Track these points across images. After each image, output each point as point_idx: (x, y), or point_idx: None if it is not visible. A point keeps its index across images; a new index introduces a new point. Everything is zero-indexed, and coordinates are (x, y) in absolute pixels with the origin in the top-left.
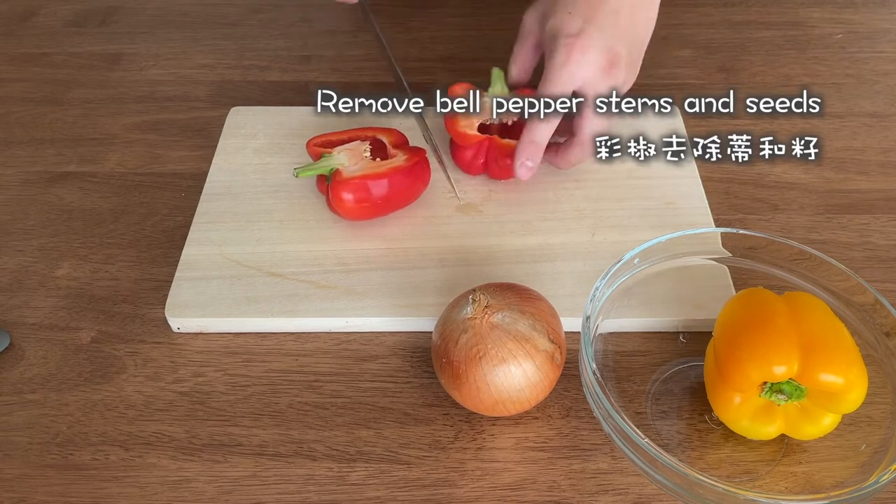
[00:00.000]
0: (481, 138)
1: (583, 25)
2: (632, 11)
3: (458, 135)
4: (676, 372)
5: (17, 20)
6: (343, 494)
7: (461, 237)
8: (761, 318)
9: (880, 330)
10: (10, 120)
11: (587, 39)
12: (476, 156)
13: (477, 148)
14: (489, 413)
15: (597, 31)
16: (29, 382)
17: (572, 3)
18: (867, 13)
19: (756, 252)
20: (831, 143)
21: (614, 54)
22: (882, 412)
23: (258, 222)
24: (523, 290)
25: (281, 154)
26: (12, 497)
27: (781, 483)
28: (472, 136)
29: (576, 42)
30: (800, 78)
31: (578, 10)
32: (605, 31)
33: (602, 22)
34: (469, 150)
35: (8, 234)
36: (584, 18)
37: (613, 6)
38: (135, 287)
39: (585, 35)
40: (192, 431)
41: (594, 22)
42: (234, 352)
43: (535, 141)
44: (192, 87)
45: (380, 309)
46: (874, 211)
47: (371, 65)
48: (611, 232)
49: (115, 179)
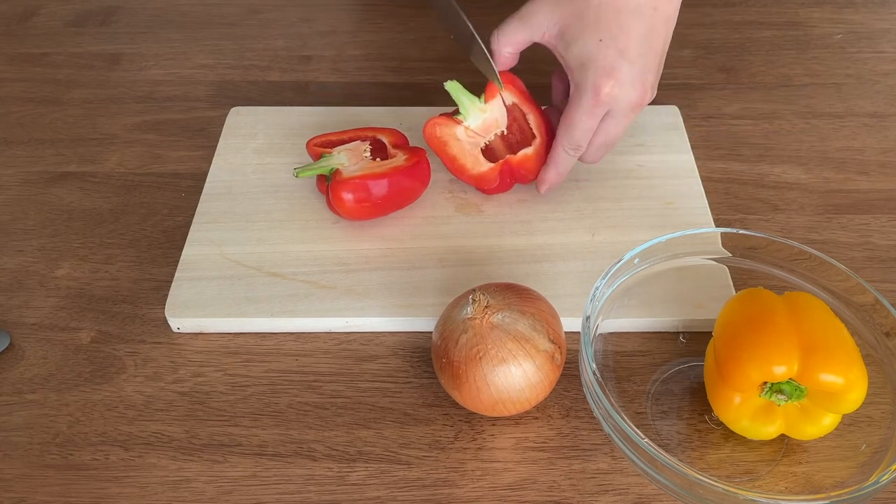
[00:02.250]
0: (499, 167)
1: (615, 61)
2: (665, 28)
3: (475, 179)
4: (676, 372)
5: (17, 20)
6: (343, 494)
7: (461, 237)
8: (761, 318)
9: (880, 330)
10: (10, 120)
11: (618, 80)
12: (500, 185)
13: (500, 176)
14: (489, 413)
15: (629, 66)
16: (29, 382)
17: (603, 26)
18: (867, 13)
19: (756, 252)
20: (831, 143)
21: (646, 87)
22: (882, 412)
23: (258, 222)
24: (523, 290)
25: (281, 154)
26: (12, 497)
27: (781, 483)
28: (488, 171)
29: (606, 83)
30: (800, 78)
31: (611, 35)
32: (637, 64)
33: (635, 52)
34: (491, 181)
35: (8, 234)
36: (618, 50)
37: (647, 26)
38: (135, 287)
39: (617, 74)
40: (192, 431)
41: (627, 55)
42: (234, 352)
43: (559, 173)
44: (192, 87)
45: (380, 309)
46: (874, 211)
47: (371, 65)
48: (611, 232)
49: (115, 179)
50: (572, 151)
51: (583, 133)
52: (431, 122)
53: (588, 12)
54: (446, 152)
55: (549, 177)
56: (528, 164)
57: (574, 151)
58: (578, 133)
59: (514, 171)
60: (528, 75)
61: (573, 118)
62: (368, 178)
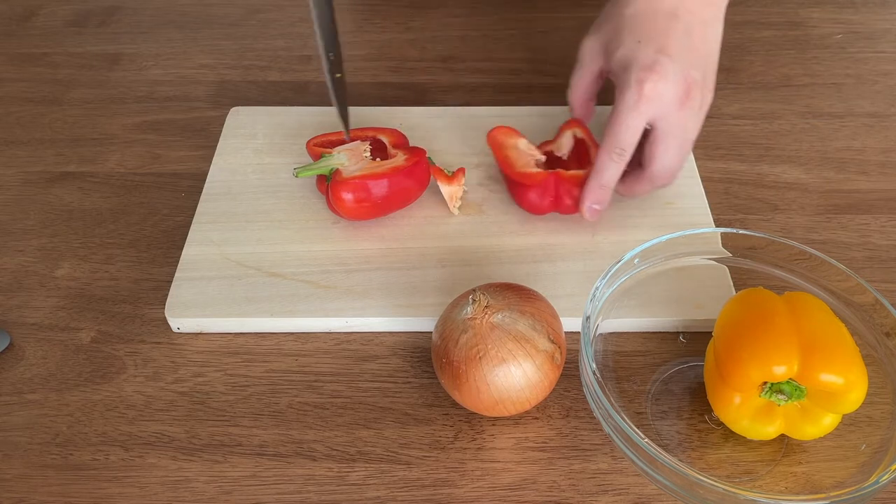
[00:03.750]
0: (546, 174)
1: (655, 56)
2: (704, 30)
3: (522, 176)
4: (676, 372)
5: (17, 20)
6: (343, 494)
7: (461, 237)
8: (761, 318)
9: (880, 330)
10: (10, 120)
11: (660, 73)
12: (543, 195)
13: (543, 186)
14: (489, 413)
15: (670, 61)
16: (29, 382)
17: (640, 30)
18: (867, 13)
19: (756, 252)
20: (831, 143)
21: (690, 82)
22: (882, 412)
23: (258, 222)
24: (523, 290)
25: (281, 154)
26: (12, 497)
27: (781, 483)
28: (537, 173)
29: (648, 77)
30: (800, 78)
31: (649, 37)
32: (678, 60)
33: (675, 48)
34: (535, 190)
35: (8, 234)
36: (657, 47)
37: (684, 27)
38: (135, 287)
39: (659, 67)
40: (192, 431)
41: (667, 51)
42: (234, 352)
43: (602, 185)
44: (192, 87)
45: (379, 309)
46: (874, 211)
47: (371, 65)
48: (611, 232)
49: (115, 179)
50: (616, 156)
51: (628, 132)
52: (498, 128)
53: (624, 23)
54: (502, 151)
55: (590, 187)
56: (574, 181)
57: (619, 156)
58: (624, 132)
59: (560, 187)
60: (530, 75)
61: (617, 117)
62: (368, 178)
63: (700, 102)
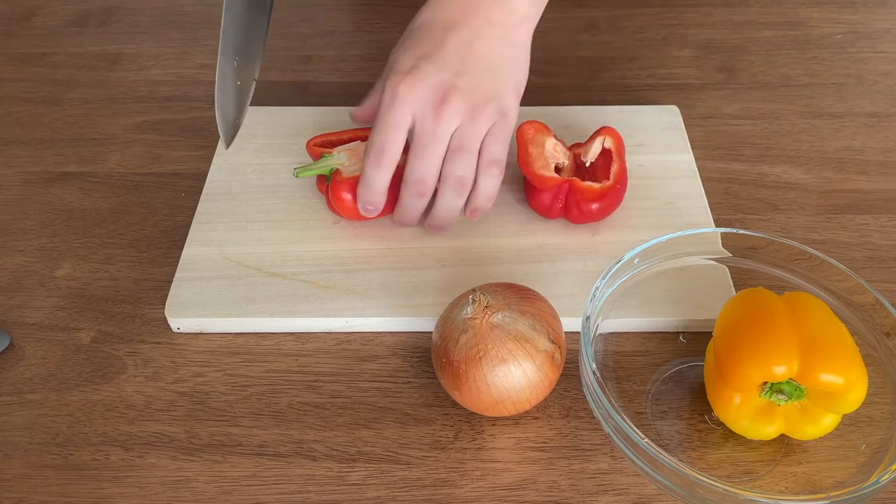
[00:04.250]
0: (560, 181)
1: (415, 62)
2: (483, 45)
3: (535, 177)
4: (676, 372)
5: (17, 20)
6: (343, 494)
7: (461, 237)
8: (761, 318)
9: (880, 330)
10: (10, 120)
11: (414, 76)
12: (555, 199)
13: (556, 191)
14: (489, 413)
15: (429, 65)
16: (29, 382)
17: (414, 39)
18: (867, 13)
19: (756, 252)
20: (831, 143)
21: (447, 87)
22: (882, 412)
23: (258, 222)
24: (523, 290)
25: (281, 154)
26: (12, 497)
27: (781, 483)
28: (550, 178)
29: (402, 81)
30: (800, 78)
31: (417, 45)
32: (438, 65)
33: (439, 56)
34: (547, 193)
35: (8, 234)
36: (420, 54)
37: (460, 38)
38: (135, 287)
39: (416, 71)
40: (192, 431)
41: (429, 58)
42: (234, 352)
43: (369, 188)
44: (192, 87)
45: (380, 309)
46: (874, 211)
47: (371, 65)
48: (611, 232)
49: (115, 179)
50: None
51: (388, 132)
52: (531, 122)
53: (408, 34)
54: (526, 147)
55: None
56: (586, 194)
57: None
58: (383, 132)
59: (572, 197)
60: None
61: (376, 120)
62: None
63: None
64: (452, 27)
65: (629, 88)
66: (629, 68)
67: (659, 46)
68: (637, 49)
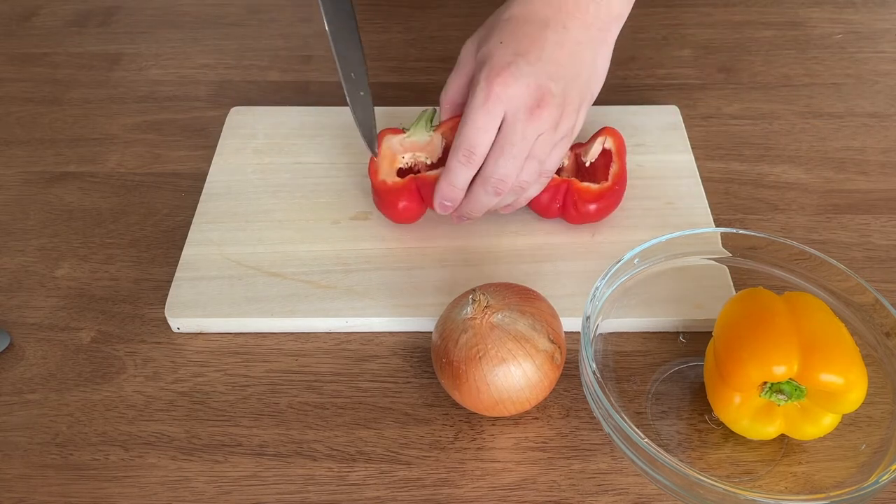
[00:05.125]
0: (558, 181)
1: (512, 58)
2: (576, 49)
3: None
4: (676, 372)
5: (17, 20)
6: (343, 494)
7: (461, 237)
8: (761, 318)
9: (880, 330)
10: (10, 120)
11: (512, 74)
12: (553, 200)
13: (554, 192)
14: (489, 413)
15: (527, 65)
16: (29, 382)
17: (508, 32)
18: (867, 13)
19: (756, 252)
20: (831, 143)
21: (545, 91)
22: (882, 412)
23: (258, 222)
24: (523, 290)
25: (281, 154)
26: (12, 497)
27: (781, 483)
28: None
29: (499, 76)
30: (800, 78)
31: (513, 40)
32: (536, 66)
33: (536, 55)
34: (545, 193)
35: (8, 234)
36: (516, 50)
37: (554, 39)
38: (135, 287)
39: (513, 69)
40: (192, 431)
41: (527, 55)
42: (234, 352)
43: (452, 185)
44: (192, 87)
45: (380, 309)
46: (874, 211)
47: (371, 65)
48: (611, 232)
49: (115, 179)
50: (464, 158)
51: (477, 132)
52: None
53: (497, 25)
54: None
55: (440, 186)
56: (584, 194)
57: (466, 158)
58: (473, 132)
59: (570, 197)
60: None
61: (466, 117)
62: None
63: (554, 121)
64: (548, 25)
65: (629, 88)
66: (629, 68)
67: (659, 46)
68: (637, 49)
